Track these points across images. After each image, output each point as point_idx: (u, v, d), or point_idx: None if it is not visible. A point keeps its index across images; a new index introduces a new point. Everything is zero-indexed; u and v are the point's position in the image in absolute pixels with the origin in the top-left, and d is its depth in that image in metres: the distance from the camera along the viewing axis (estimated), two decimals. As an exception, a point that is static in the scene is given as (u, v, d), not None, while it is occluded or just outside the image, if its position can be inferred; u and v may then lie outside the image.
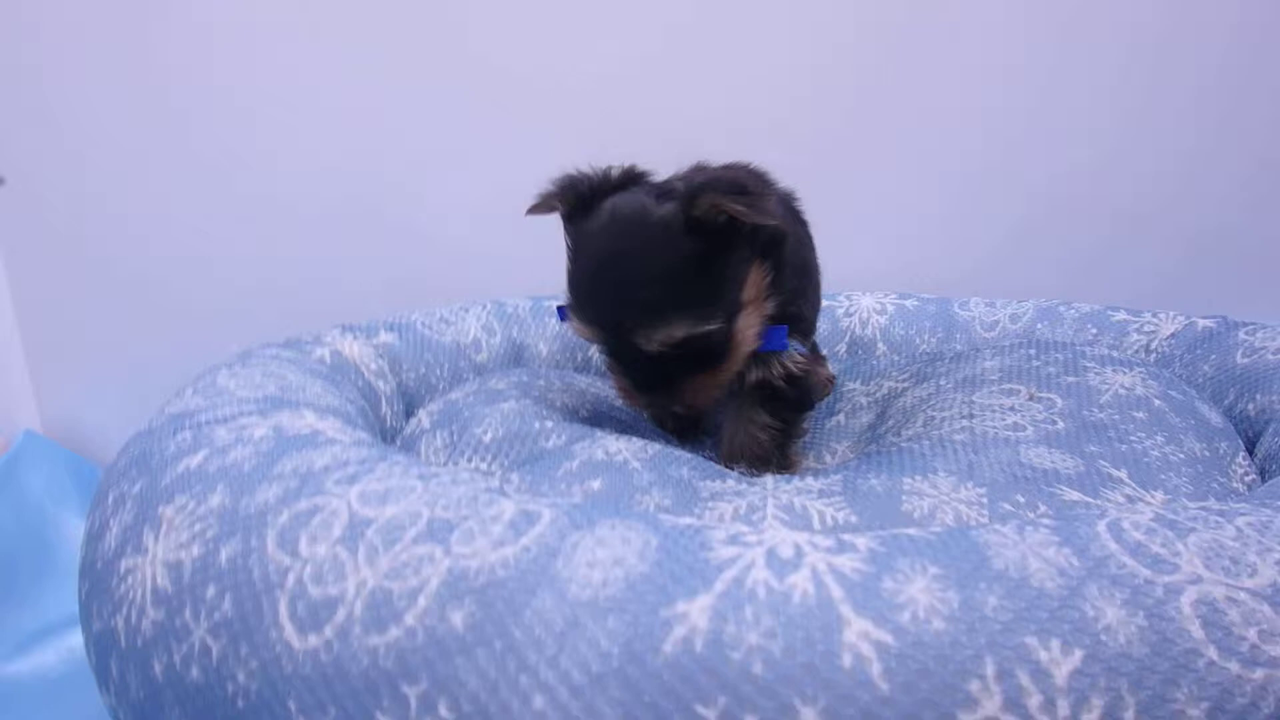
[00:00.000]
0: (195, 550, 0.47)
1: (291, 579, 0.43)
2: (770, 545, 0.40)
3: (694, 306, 0.67)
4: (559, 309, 0.86)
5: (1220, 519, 0.42)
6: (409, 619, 0.40)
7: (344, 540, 0.44)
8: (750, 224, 0.65)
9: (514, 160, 1.32)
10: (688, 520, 0.44)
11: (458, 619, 0.39)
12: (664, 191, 0.68)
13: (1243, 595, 0.37)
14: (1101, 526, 0.41)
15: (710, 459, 0.73)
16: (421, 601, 0.40)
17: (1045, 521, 0.42)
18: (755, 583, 0.38)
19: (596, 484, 0.60)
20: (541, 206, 0.74)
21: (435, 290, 1.23)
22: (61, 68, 1.24)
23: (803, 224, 0.85)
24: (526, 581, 0.40)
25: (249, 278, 1.35)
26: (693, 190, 0.66)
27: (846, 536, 0.42)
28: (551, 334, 1.06)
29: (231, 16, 1.25)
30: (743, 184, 0.66)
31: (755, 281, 0.71)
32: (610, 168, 0.74)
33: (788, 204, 0.85)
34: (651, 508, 0.58)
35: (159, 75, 1.26)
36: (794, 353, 0.77)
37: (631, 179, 0.72)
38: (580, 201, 0.71)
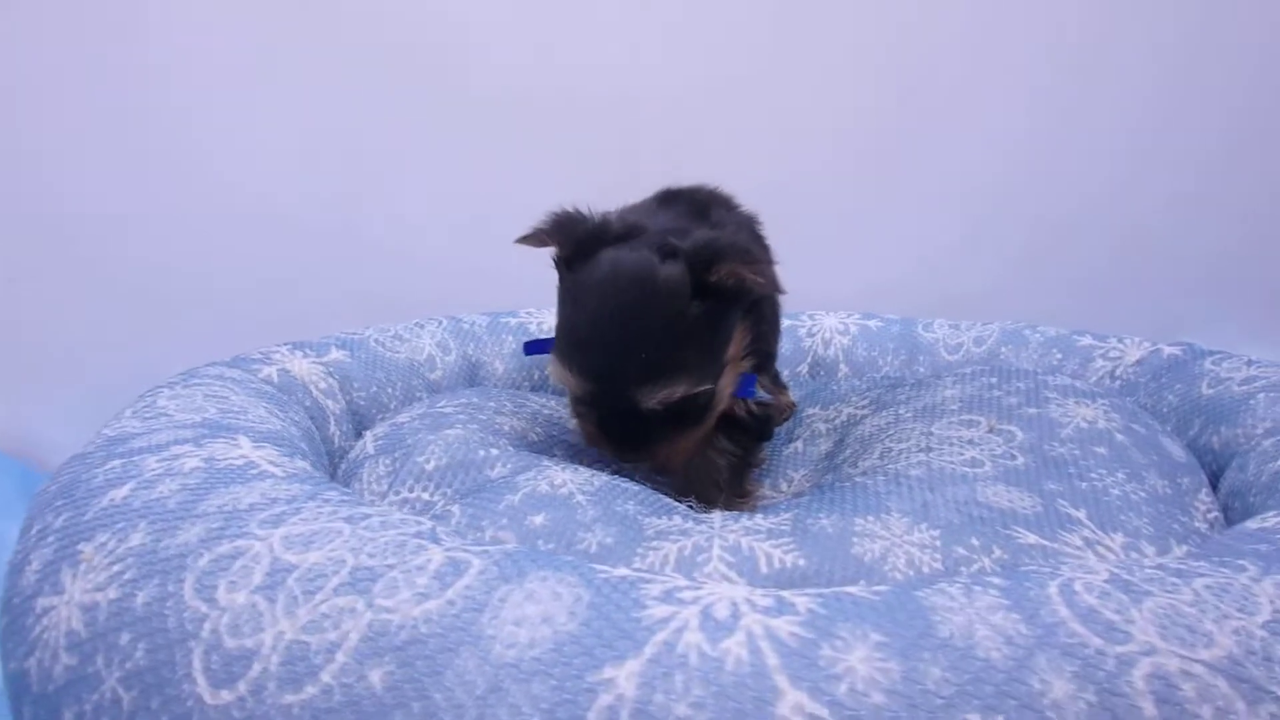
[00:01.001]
0: (112, 593, 0.44)
1: (207, 628, 0.41)
2: (706, 604, 0.39)
3: (694, 367, 0.66)
4: (527, 345, 0.84)
5: (1177, 580, 0.41)
6: (325, 676, 0.38)
7: (264, 588, 0.42)
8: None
9: (477, 174, 1.32)
10: (623, 572, 0.42)
11: (376, 678, 0.37)
12: (666, 249, 0.67)
13: (1198, 669, 0.36)
14: (1053, 589, 0.40)
15: (659, 487, 0.71)
16: (340, 658, 0.38)
17: (995, 581, 0.41)
18: (687, 647, 0.36)
19: (539, 519, 0.58)
20: (534, 240, 0.71)
21: (394, 304, 1.21)
22: (26, 70, 1.20)
23: (766, 251, 0.84)
24: (449, 639, 0.38)
25: (210, 288, 1.32)
26: (704, 255, 0.65)
27: (786, 594, 0.40)
28: (509, 352, 1.03)
29: (202, 19, 1.22)
30: (749, 250, 0.66)
31: (738, 341, 0.71)
32: (609, 216, 0.72)
33: (753, 230, 0.84)
34: (594, 547, 0.56)
35: (124, 79, 1.23)
36: (759, 391, 0.76)
37: (631, 232, 0.70)
38: (578, 247, 0.69)
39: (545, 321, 1.09)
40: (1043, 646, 0.36)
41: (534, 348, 0.84)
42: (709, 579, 0.53)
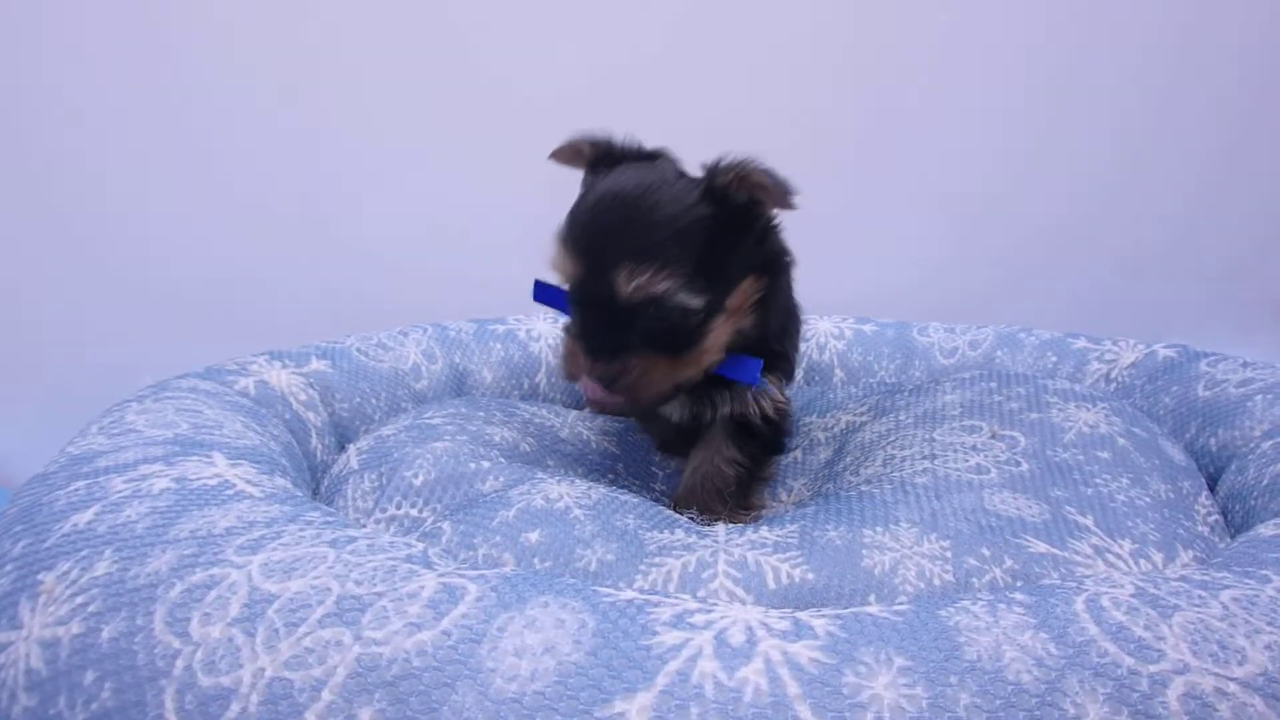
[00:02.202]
0: (75, 627, 0.41)
1: (180, 665, 0.38)
2: (720, 629, 0.36)
3: (685, 270, 0.63)
4: (537, 285, 0.79)
5: (1204, 593, 0.39)
6: (311, 716, 0.35)
7: (242, 620, 0.39)
8: (763, 224, 0.68)
9: (464, 180, 1.29)
10: (630, 594, 0.40)
11: (366, 717, 0.34)
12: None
13: (1233, 687, 0.34)
14: (1080, 605, 0.38)
15: (659, 500, 0.69)
16: (326, 695, 0.35)
17: (1019, 598, 0.39)
18: (702, 676, 0.34)
19: (535, 536, 0.56)
20: (567, 151, 0.73)
21: (376, 311, 1.18)
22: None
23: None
24: (445, 673, 0.35)
25: (180, 294, 1.28)
26: (719, 162, 0.66)
27: (804, 617, 0.38)
28: (496, 360, 1.00)
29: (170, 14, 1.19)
30: (769, 171, 0.65)
31: (745, 291, 0.69)
32: (642, 143, 0.74)
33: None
34: (594, 564, 0.53)
35: (96, 79, 1.19)
36: (774, 393, 0.74)
37: (661, 156, 0.73)
38: (608, 156, 0.71)
39: (534, 328, 1.06)
40: (1074, 667, 0.34)
41: (544, 294, 0.80)
42: (715, 596, 0.50)
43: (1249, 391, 0.79)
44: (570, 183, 0.75)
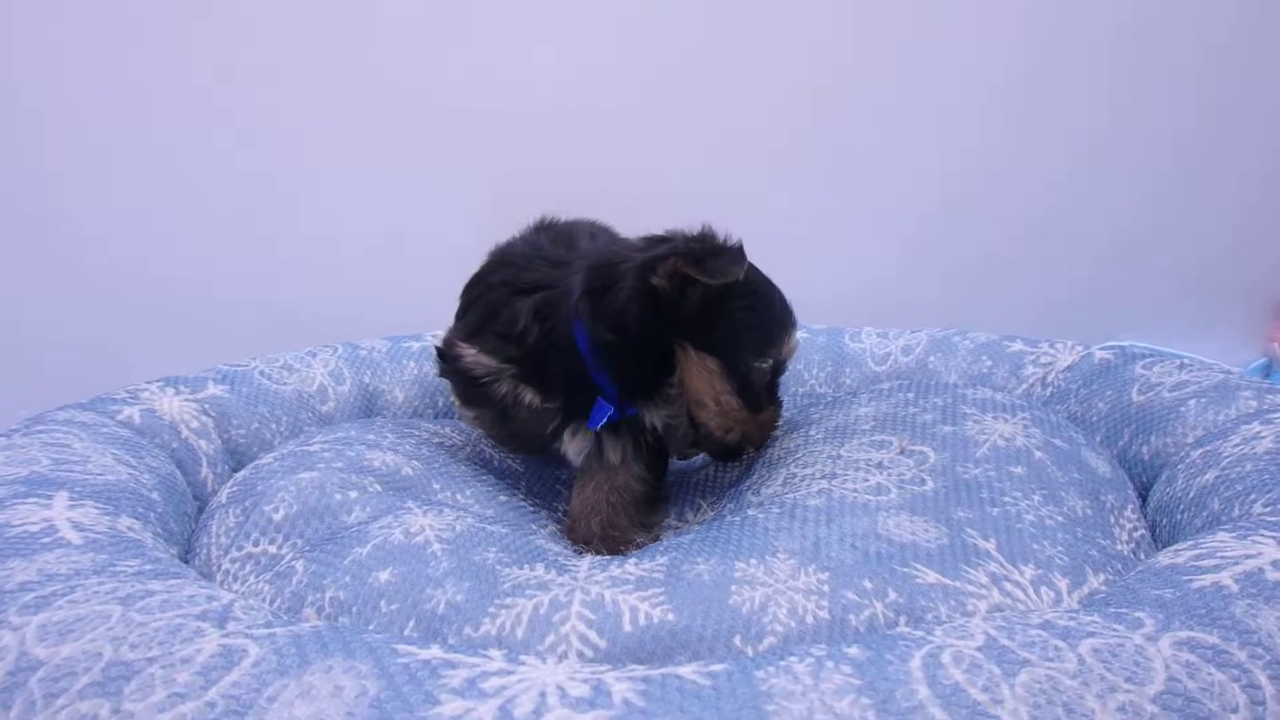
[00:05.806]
0: None
1: (-71, 746, 0.34)
2: (510, 697, 0.33)
3: None
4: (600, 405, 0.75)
5: (1062, 644, 0.36)
6: (53, 803, 0.31)
7: (1, 691, 0.35)
8: None
9: (386, 191, 1.26)
10: (430, 653, 0.36)
11: (110, 804, 0.31)
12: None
13: (1070, 757, 0.30)
14: (916, 662, 0.34)
15: (563, 518, 0.65)
16: (71, 780, 0.32)
17: (852, 654, 0.35)
18: (474, 755, 0.30)
19: (385, 575, 0.52)
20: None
21: (300, 319, 1.15)
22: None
23: None
24: (200, 754, 0.32)
25: (114, 310, 1.25)
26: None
27: (609, 679, 0.34)
28: (410, 378, 0.97)
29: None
30: None
31: None
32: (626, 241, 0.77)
33: None
34: (442, 606, 0.50)
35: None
36: None
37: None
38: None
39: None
40: (894, 737, 0.31)
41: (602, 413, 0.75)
42: (565, 641, 0.47)
43: (1182, 396, 0.76)
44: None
